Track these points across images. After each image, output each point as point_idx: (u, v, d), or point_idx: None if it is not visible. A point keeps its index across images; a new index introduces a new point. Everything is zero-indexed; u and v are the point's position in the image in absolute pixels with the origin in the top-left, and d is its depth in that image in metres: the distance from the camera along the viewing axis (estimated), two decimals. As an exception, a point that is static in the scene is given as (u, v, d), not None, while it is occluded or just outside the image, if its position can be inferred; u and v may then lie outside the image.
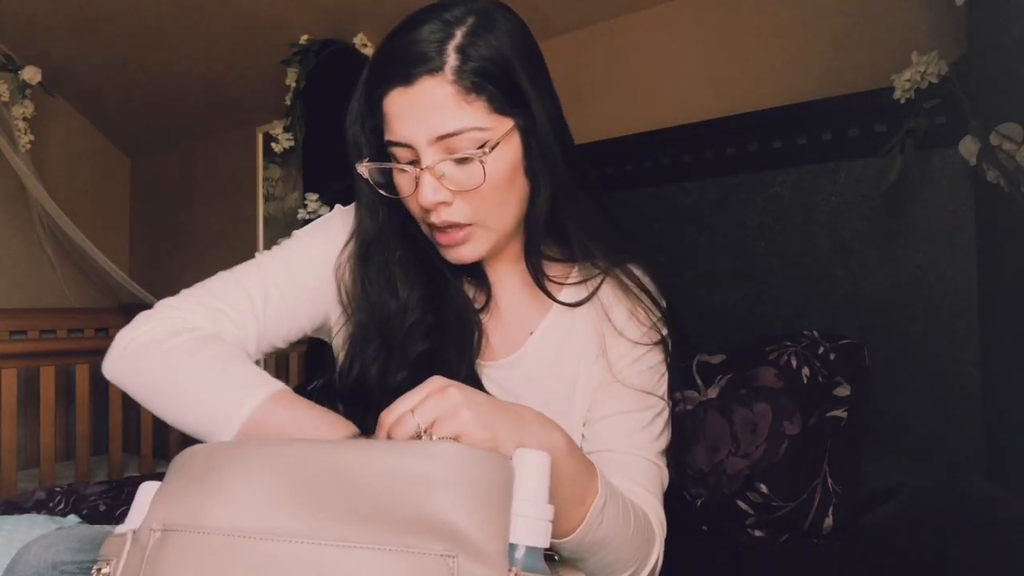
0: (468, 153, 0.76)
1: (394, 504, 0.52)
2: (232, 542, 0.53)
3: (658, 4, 1.76)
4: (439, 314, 0.85)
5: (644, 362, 0.87)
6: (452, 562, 0.50)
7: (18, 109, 2.61)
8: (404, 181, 0.80)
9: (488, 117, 0.76)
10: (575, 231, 0.86)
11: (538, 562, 0.54)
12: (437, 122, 0.75)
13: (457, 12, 0.77)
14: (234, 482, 0.56)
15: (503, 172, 0.78)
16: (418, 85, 0.75)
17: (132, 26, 2.45)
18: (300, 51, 2.23)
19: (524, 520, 0.54)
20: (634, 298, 0.88)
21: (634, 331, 0.87)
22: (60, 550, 0.70)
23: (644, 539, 0.76)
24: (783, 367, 1.26)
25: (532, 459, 0.58)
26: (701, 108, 1.66)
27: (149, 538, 0.57)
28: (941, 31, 1.34)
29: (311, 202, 2.23)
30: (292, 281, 0.88)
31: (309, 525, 0.52)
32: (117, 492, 1.80)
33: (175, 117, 2.89)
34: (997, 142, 1.09)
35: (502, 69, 0.77)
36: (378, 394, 0.82)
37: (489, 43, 0.76)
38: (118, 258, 3.11)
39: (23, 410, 2.36)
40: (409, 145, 0.77)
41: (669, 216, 1.65)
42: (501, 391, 0.86)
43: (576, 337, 0.89)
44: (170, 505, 0.58)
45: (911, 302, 1.35)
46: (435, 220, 0.79)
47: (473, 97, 0.75)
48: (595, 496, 0.70)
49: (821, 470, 1.19)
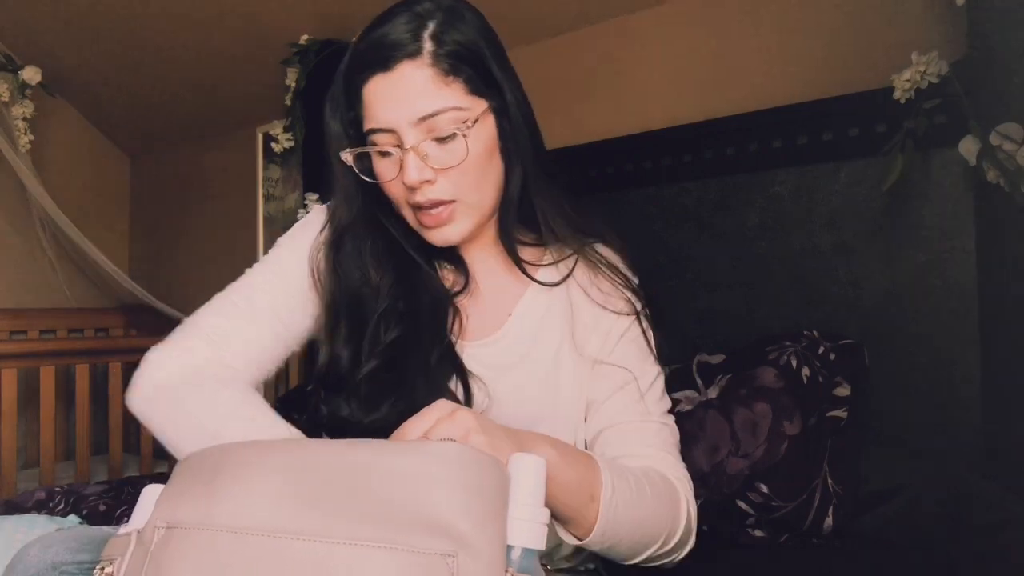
0: (451, 129, 0.79)
1: (396, 503, 0.53)
2: (237, 539, 0.53)
3: (658, 4, 1.76)
4: (410, 301, 0.87)
5: (628, 336, 0.91)
6: (452, 561, 0.50)
7: (18, 109, 2.61)
8: (386, 166, 0.83)
9: (465, 98, 0.80)
10: (544, 212, 0.89)
11: (534, 564, 0.55)
12: (418, 104, 0.78)
13: (427, 6, 0.81)
14: (241, 482, 0.56)
15: (482, 149, 0.82)
16: (398, 70, 0.79)
17: (132, 26, 2.45)
18: (300, 51, 2.23)
19: (520, 523, 0.55)
20: (605, 275, 0.92)
21: (612, 304, 0.91)
22: (60, 550, 0.70)
23: (668, 503, 0.79)
24: (783, 367, 1.26)
25: (528, 462, 0.58)
26: (701, 108, 1.66)
27: (153, 536, 0.57)
28: (941, 31, 1.34)
29: (311, 202, 2.23)
30: (286, 287, 0.90)
31: (314, 523, 0.53)
32: (117, 492, 1.80)
33: (175, 117, 2.89)
34: (997, 142, 1.09)
35: (474, 54, 0.81)
36: (350, 382, 0.84)
37: (460, 30, 0.81)
38: (118, 258, 3.11)
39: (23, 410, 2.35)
40: (391, 130, 0.80)
41: (669, 216, 1.65)
42: (483, 367, 0.88)
43: (553, 316, 0.92)
44: (176, 504, 0.58)
45: (911, 302, 1.35)
46: (420, 199, 0.82)
47: (451, 79, 0.79)
48: (602, 488, 0.72)
49: (821, 470, 1.19)
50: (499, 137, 0.84)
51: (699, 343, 1.47)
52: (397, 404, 0.79)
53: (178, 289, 2.98)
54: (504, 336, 0.91)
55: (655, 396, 0.89)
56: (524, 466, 0.58)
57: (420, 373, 0.82)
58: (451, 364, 0.86)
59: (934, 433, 1.31)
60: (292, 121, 2.31)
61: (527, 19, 0.88)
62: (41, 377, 2.24)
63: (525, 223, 0.92)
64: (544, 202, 0.89)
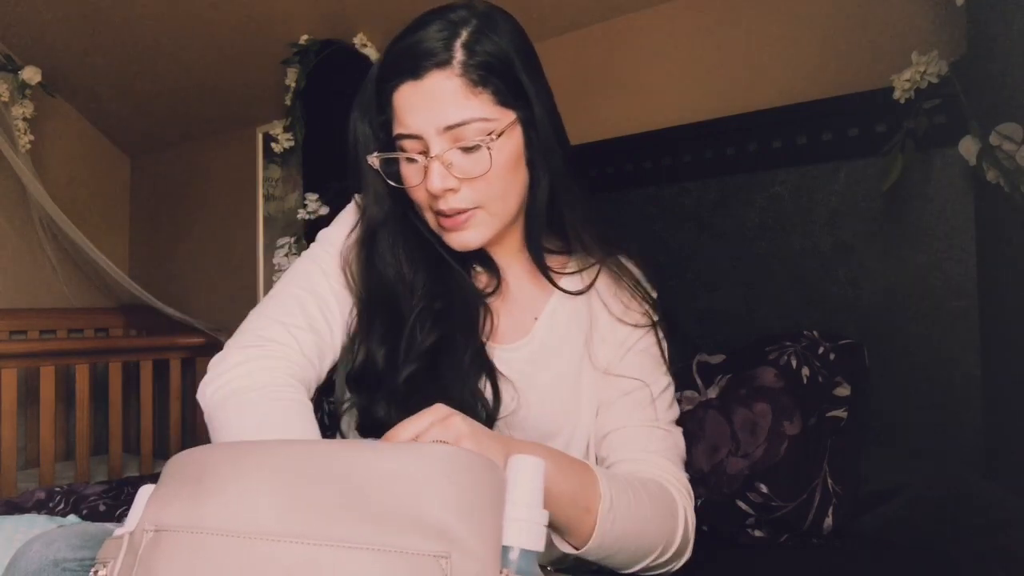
0: (476, 140, 0.79)
1: (388, 504, 0.52)
2: (228, 542, 0.53)
3: (658, 4, 1.76)
4: (446, 301, 0.88)
5: (643, 344, 0.92)
6: (445, 563, 0.50)
7: (18, 109, 2.60)
8: (412, 171, 0.84)
9: (493, 109, 0.80)
10: (571, 222, 0.90)
11: (532, 565, 0.55)
12: (446, 113, 0.79)
13: (461, 14, 0.81)
14: (230, 483, 0.56)
15: (507, 160, 0.82)
16: (427, 79, 0.79)
17: (132, 26, 2.45)
18: (300, 51, 2.22)
19: (518, 523, 0.55)
20: (626, 287, 0.93)
21: (630, 317, 0.92)
22: (61, 547, 0.70)
23: (666, 515, 0.79)
24: (783, 367, 1.26)
25: (526, 464, 0.58)
26: (701, 108, 1.66)
27: (142, 539, 0.57)
28: (941, 31, 1.34)
29: (311, 202, 2.23)
30: (332, 289, 0.89)
31: (302, 525, 0.52)
32: (117, 492, 1.81)
33: (175, 117, 2.89)
34: (997, 142, 1.09)
35: (505, 65, 0.81)
36: (387, 382, 0.84)
37: (492, 41, 0.81)
38: (118, 258, 3.10)
39: (23, 410, 2.36)
40: (419, 136, 0.81)
41: (669, 216, 1.65)
42: (511, 371, 0.88)
43: (577, 323, 0.93)
44: (164, 506, 0.58)
45: (911, 302, 1.35)
46: (442, 206, 0.83)
47: (480, 90, 0.79)
48: (599, 500, 0.72)
49: (821, 470, 1.19)
50: (525, 147, 0.84)
51: (699, 343, 1.47)
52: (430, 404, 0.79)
53: (178, 289, 2.98)
54: (531, 341, 0.92)
55: (664, 404, 0.90)
56: (522, 468, 0.58)
57: (453, 373, 0.83)
58: (482, 365, 0.86)
59: (934, 433, 1.31)
60: (292, 121, 2.31)
61: (527, 19, 0.88)
62: (41, 377, 2.24)
63: (552, 227, 0.93)
64: (571, 212, 0.90)
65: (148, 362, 2.53)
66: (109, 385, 2.42)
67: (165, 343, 2.60)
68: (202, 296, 2.93)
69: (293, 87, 2.26)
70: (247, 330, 0.86)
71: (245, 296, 2.72)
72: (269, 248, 2.57)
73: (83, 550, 0.70)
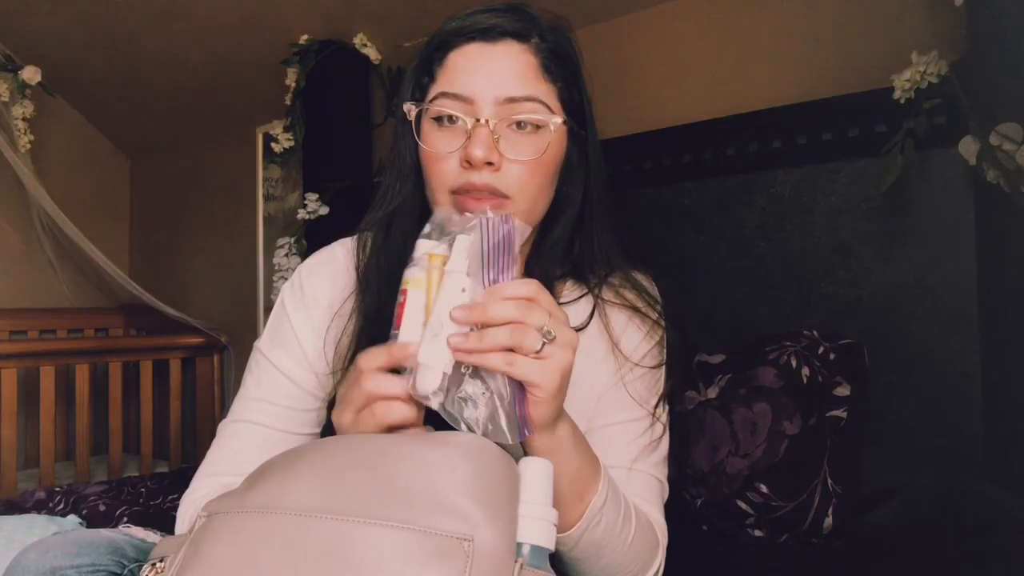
0: (539, 118, 0.73)
1: (416, 488, 0.55)
2: (268, 517, 0.56)
3: (658, 4, 1.76)
4: None
5: (641, 369, 0.86)
6: (468, 545, 0.53)
7: (18, 109, 2.61)
8: (444, 138, 0.74)
9: (556, 103, 0.76)
10: (585, 254, 0.85)
11: (543, 562, 0.57)
12: (510, 84, 0.73)
13: (537, 11, 0.78)
14: (277, 471, 0.60)
15: (553, 158, 0.77)
16: (502, 45, 0.75)
17: (132, 26, 2.45)
18: (300, 51, 2.22)
19: (531, 520, 0.58)
20: (629, 308, 0.87)
21: (630, 338, 0.86)
22: (58, 555, 0.70)
23: (648, 544, 0.77)
24: (783, 367, 1.26)
25: (537, 465, 0.61)
26: (701, 108, 1.66)
27: (196, 523, 0.61)
28: (941, 31, 1.34)
29: (311, 202, 2.23)
30: (288, 388, 0.83)
31: (340, 503, 0.56)
32: (117, 492, 1.81)
33: (175, 117, 2.89)
34: (997, 142, 1.09)
35: (574, 72, 0.79)
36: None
37: (569, 42, 0.79)
38: (118, 258, 3.10)
39: (23, 410, 2.36)
40: (469, 99, 0.73)
41: (669, 216, 1.65)
42: None
43: (580, 346, 0.88)
44: (219, 500, 0.62)
45: (911, 302, 1.35)
46: (475, 180, 0.73)
47: (550, 77, 0.76)
48: (595, 494, 0.70)
49: (821, 470, 1.19)
50: (564, 159, 0.80)
51: (699, 343, 1.47)
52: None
53: (178, 289, 2.98)
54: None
55: (652, 439, 0.83)
56: (533, 468, 0.60)
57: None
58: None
59: (934, 433, 1.31)
60: (292, 121, 2.31)
61: (527, 19, 0.86)
62: (41, 377, 2.24)
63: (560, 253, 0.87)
64: (589, 247, 0.84)
65: (148, 362, 2.53)
66: (109, 385, 2.42)
67: (165, 343, 2.60)
68: (202, 296, 2.93)
69: (293, 87, 2.26)
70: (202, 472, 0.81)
71: (245, 296, 2.72)
72: (269, 248, 2.57)
73: (79, 557, 0.70)
